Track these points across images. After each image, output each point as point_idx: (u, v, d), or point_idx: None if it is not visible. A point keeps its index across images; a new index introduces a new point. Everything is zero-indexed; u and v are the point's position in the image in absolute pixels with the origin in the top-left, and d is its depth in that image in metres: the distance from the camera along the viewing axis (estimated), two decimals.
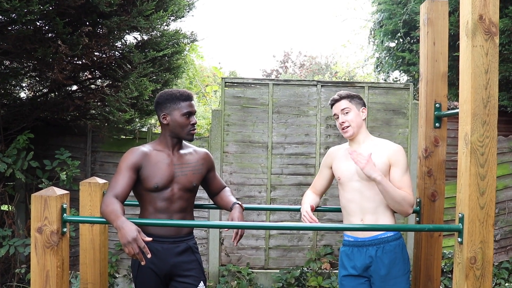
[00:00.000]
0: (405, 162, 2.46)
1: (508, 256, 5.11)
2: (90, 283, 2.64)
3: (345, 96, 2.55)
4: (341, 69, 13.96)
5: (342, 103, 2.53)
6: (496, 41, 1.87)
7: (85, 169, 4.88)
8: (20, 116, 4.24)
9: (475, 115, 1.88)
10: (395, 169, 2.43)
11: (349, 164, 2.50)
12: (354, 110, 2.52)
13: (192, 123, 2.40)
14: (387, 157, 2.44)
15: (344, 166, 2.54)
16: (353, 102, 2.53)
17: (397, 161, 2.43)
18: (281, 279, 4.75)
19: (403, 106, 5.02)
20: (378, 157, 2.43)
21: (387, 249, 2.43)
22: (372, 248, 2.44)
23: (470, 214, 1.90)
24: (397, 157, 2.44)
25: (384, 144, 2.51)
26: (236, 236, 2.45)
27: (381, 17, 7.99)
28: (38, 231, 1.99)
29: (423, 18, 2.57)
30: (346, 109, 2.51)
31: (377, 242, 2.44)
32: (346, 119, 2.50)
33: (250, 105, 4.98)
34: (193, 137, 2.44)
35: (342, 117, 2.52)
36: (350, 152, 2.35)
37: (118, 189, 2.22)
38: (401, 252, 2.47)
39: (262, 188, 4.98)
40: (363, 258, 2.46)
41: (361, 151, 2.46)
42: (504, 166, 5.09)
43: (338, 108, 2.55)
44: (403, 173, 2.43)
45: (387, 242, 2.44)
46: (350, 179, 2.49)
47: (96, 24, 3.94)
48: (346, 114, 2.51)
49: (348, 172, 2.50)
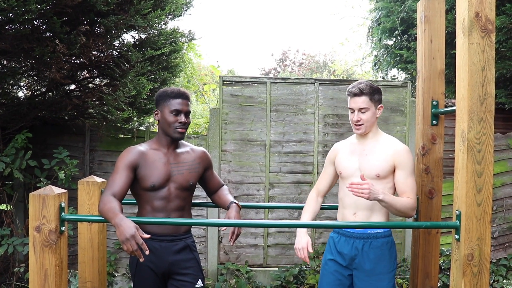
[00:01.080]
0: (411, 163, 2.39)
1: (506, 253, 5.12)
2: (89, 282, 2.64)
3: (367, 92, 2.40)
4: (339, 67, 13.95)
5: (362, 101, 2.39)
6: (492, 39, 1.88)
7: (83, 168, 4.88)
8: (18, 115, 4.23)
9: (472, 112, 1.89)
10: (400, 172, 2.39)
11: (352, 159, 2.49)
12: (372, 110, 2.42)
13: (179, 121, 2.37)
14: (392, 158, 2.39)
15: (346, 161, 2.51)
16: (372, 101, 2.41)
17: (402, 163, 2.38)
18: (279, 277, 4.76)
19: (401, 104, 5.03)
20: (382, 157, 2.40)
21: (374, 244, 2.43)
22: (359, 241, 2.45)
23: (467, 211, 1.91)
24: (402, 159, 2.38)
25: (391, 144, 2.44)
26: (232, 235, 2.45)
27: (378, 15, 8.00)
28: (37, 230, 2.00)
29: (420, 16, 2.58)
30: (364, 109, 2.40)
31: (365, 236, 2.44)
32: (362, 118, 2.40)
33: (248, 104, 4.98)
34: (181, 135, 2.40)
35: (359, 115, 2.40)
36: (347, 186, 2.23)
37: (116, 188, 2.22)
38: (388, 250, 2.46)
39: (260, 186, 4.98)
40: (350, 249, 2.47)
41: (367, 147, 2.45)
42: (502, 163, 5.09)
43: (357, 104, 2.40)
44: (408, 176, 2.38)
45: (375, 238, 2.44)
46: (352, 174, 2.47)
47: (94, 23, 3.93)
48: (364, 113, 2.40)
49: (351, 168, 2.48)
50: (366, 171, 2.41)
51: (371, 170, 2.41)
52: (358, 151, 2.50)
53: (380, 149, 2.43)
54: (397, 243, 5.03)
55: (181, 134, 2.40)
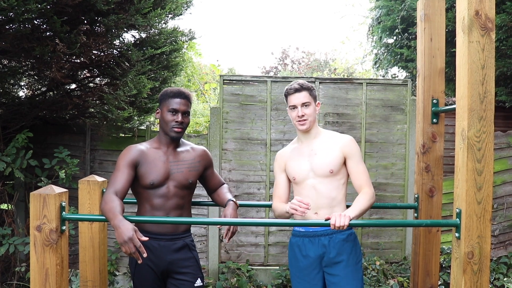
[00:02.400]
0: (358, 151, 2.50)
1: (507, 251, 5.12)
2: (90, 281, 2.64)
3: (306, 87, 2.49)
4: (340, 66, 13.94)
5: (304, 96, 2.47)
6: (492, 37, 1.88)
7: (84, 168, 4.88)
8: (19, 115, 4.24)
9: (472, 111, 1.89)
10: (351, 161, 2.47)
11: (302, 162, 2.51)
12: (313, 104, 2.50)
13: (176, 120, 2.39)
14: (341, 150, 2.47)
15: (297, 165, 2.52)
16: (311, 96, 2.50)
17: (350, 152, 2.47)
18: (280, 275, 4.76)
19: (401, 102, 5.02)
20: (331, 152, 2.46)
21: (340, 238, 2.45)
22: (324, 238, 2.46)
23: (467, 209, 1.91)
24: (349, 148, 2.47)
25: (334, 137, 2.53)
26: (228, 232, 2.44)
27: (379, 13, 8.00)
28: (37, 229, 2.00)
29: (420, 14, 2.57)
30: (307, 103, 2.47)
31: (330, 232, 2.45)
32: (306, 113, 2.46)
33: (248, 102, 4.98)
34: (178, 134, 2.41)
35: (302, 110, 2.46)
36: (331, 226, 2.13)
37: (118, 186, 2.24)
38: (353, 241, 2.50)
39: (261, 185, 4.98)
40: (316, 248, 2.47)
41: (314, 146, 2.51)
42: (502, 161, 5.09)
43: (299, 99, 2.47)
44: (358, 162, 2.47)
45: (339, 232, 2.46)
46: (306, 176, 2.49)
47: (94, 23, 3.93)
48: (306, 107, 2.47)
49: (303, 170, 2.50)
50: (319, 170, 2.45)
51: (324, 168, 2.45)
52: (306, 153, 2.53)
53: (327, 145, 2.50)
54: (397, 241, 5.03)
55: (177, 134, 2.41)
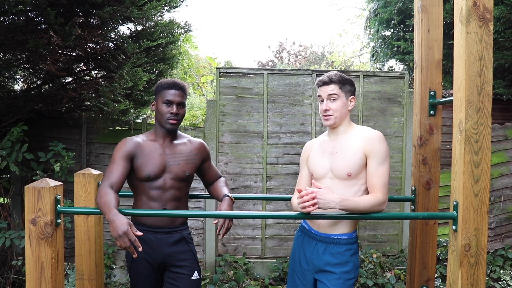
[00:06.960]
0: (382, 150, 2.19)
1: (504, 244, 5.14)
2: (86, 274, 2.64)
3: (336, 80, 2.28)
4: (337, 59, 13.91)
5: (331, 88, 2.27)
6: (490, 28, 1.86)
7: (80, 161, 4.86)
8: (14, 108, 4.20)
9: (470, 102, 1.87)
10: (371, 161, 2.19)
11: (324, 159, 2.33)
12: (342, 99, 2.28)
13: (171, 111, 2.37)
14: (363, 148, 2.21)
15: (318, 162, 2.35)
16: (343, 90, 2.28)
17: (372, 151, 2.19)
18: (277, 268, 4.77)
19: (399, 95, 5.01)
20: (352, 151, 2.23)
21: (336, 250, 2.29)
22: (321, 245, 2.32)
23: (464, 201, 1.90)
24: (372, 146, 2.19)
25: (361, 133, 2.27)
26: (221, 228, 2.36)
27: (376, 6, 7.97)
28: (32, 223, 1.99)
29: (418, 5, 2.56)
30: (333, 96, 2.26)
31: (329, 241, 2.30)
32: (331, 107, 2.27)
33: (245, 95, 4.96)
34: (173, 126, 2.39)
35: (327, 104, 2.27)
36: (298, 197, 2.02)
37: (113, 179, 2.22)
38: (351, 256, 2.30)
39: (258, 178, 4.98)
40: (311, 250, 2.35)
41: (338, 144, 2.30)
42: (499, 154, 5.10)
43: (325, 92, 2.28)
44: (379, 165, 2.18)
45: (337, 244, 2.29)
46: (323, 175, 2.32)
47: (89, 15, 3.89)
48: (333, 101, 2.27)
49: (322, 168, 2.33)
50: (337, 171, 2.25)
51: (342, 169, 2.23)
52: (329, 150, 2.34)
53: (351, 143, 2.25)
54: (394, 234, 5.04)
55: (172, 125, 2.39)
